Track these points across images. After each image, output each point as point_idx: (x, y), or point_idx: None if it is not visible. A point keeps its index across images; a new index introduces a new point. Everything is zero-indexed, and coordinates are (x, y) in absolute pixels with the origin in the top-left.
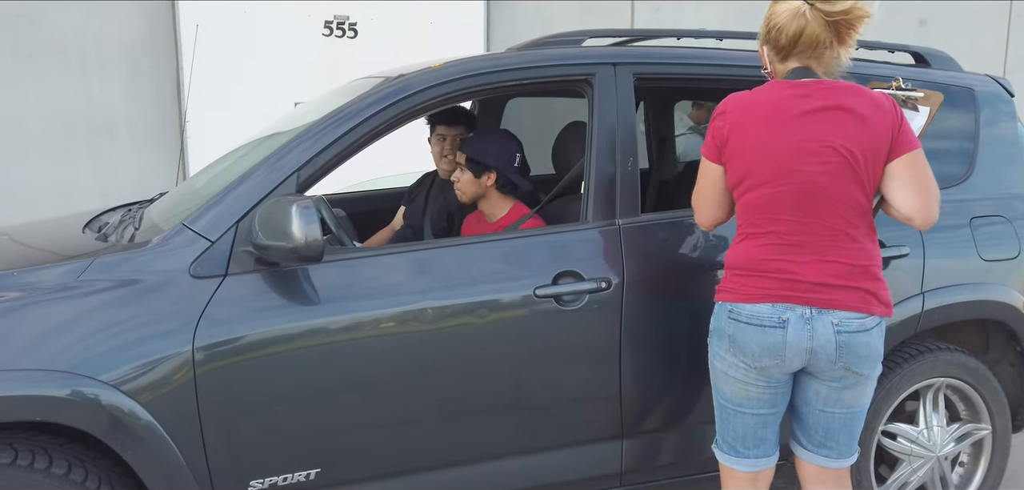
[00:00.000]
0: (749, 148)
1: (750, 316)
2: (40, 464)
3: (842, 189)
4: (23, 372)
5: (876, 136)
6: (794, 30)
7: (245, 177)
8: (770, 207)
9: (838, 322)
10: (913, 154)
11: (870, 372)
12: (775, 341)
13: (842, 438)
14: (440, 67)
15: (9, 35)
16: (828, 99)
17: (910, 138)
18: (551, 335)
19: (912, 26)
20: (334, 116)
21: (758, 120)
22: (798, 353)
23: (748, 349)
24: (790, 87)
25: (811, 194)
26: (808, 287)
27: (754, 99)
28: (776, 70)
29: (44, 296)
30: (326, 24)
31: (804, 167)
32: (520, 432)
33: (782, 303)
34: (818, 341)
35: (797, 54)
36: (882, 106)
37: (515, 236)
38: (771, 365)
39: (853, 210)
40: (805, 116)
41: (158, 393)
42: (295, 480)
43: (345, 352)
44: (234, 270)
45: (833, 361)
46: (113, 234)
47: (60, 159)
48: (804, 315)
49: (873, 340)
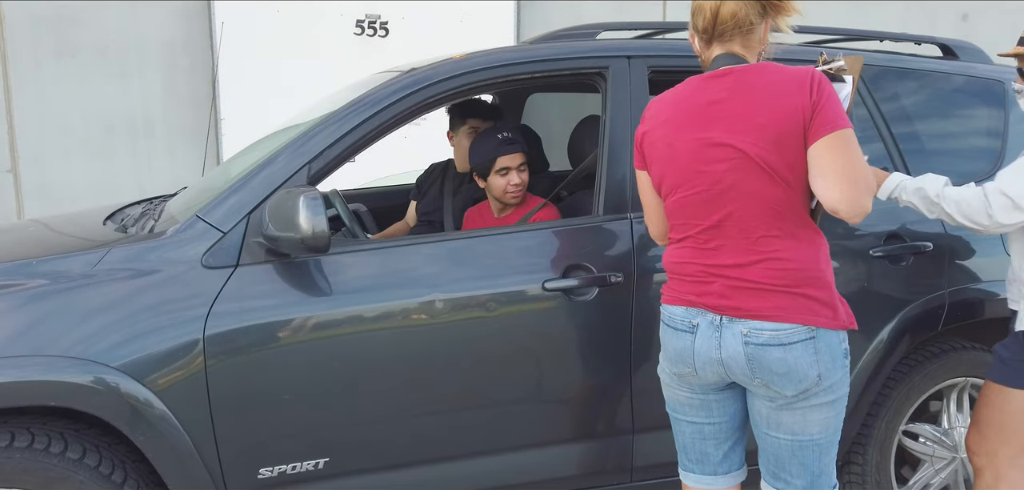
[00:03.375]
0: (659, 152)
1: (669, 318)
2: (56, 448)
3: (753, 186)
4: (43, 358)
5: (785, 119)
6: (710, 10)
7: (257, 169)
8: (684, 211)
9: (747, 332)
10: (833, 136)
11: (798, 393)
12: (685, 347)
13: (793, 470)
14: (458, 60)
15: (53, 36)
16: (735, 85)
17: (830, 118)
18: (560, 329)
19: (955, 21)
20: (347, 109)
21: (664, 122)
22: (709, 362)
23: (668, 352)
24: (701, 81)
25: (721, 195)
26: (720, 292)
27: (665, 99)
28: (704, 59)
29: (61, 285)
30: (358, 23)
31: (708, 167)
32: (529, 425)
33: (694, 307)
34: (726, 351)
35: (718, 37)
36: (794, 83)
37: (526, 229)
38: (686, 372)
39: (771, 207)
40: (708, 112)
41: (170, 381)
42: (304, 469)
43: (353, 343)
44: (246, 261)
45: (749, 376)
46: (133, 226)
47: (100, 157)
48: (713, 322)
49: (792, 356)
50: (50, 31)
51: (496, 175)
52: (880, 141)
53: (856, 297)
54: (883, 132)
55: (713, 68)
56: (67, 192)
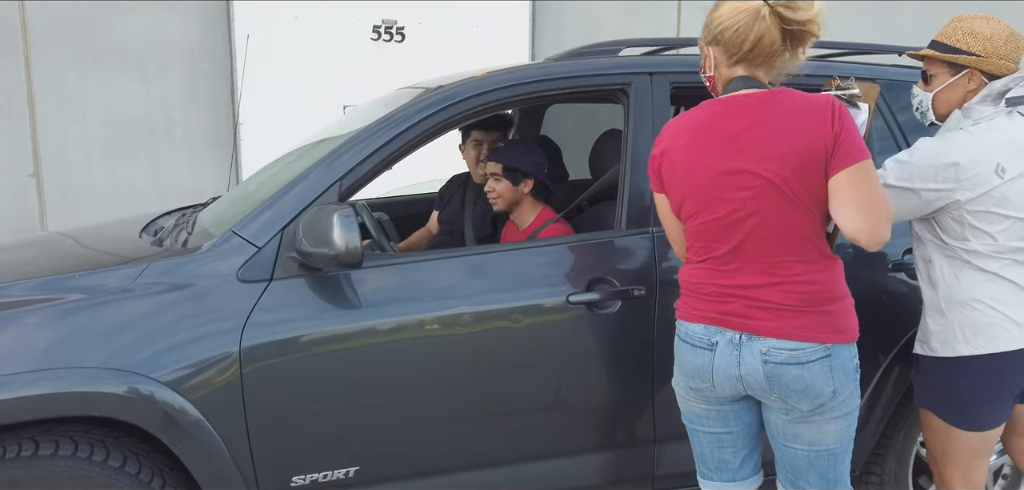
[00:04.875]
0: (678, 177)
1: (687, 335)
2: (98, 456)
3: (776, 214)
4: (86, 370)
5: (807, 148)
6: (755, 35)
7: (290, 186)
8: (705, 235)
9: (767, 350)
10: (856, 167)
11: (814, 407)
12: (704, 363)
13: (812, 480)
14: (482, 77)
15: (75, 41)
16: (756, 114)
17: (853, 148)
18: (584, 340)
19: None
20: (376, 126)
21: (683, 146)
22: (727, 379)
23: (684, 367)
24: (721, 104)
25: (742, 221)
26: (740, 311)
27: (682, 123)
28: (721, 75)
29: (103, 298)
30: (374, 28)
31: (730, 194)
32: (554, 434)
33: (714, 325)
34: (746, 368)
35: (749, 61)
36: (816, 112)
37: (549, 243)
38: (704, 387)
39: (791, 233)
40: (730, 137)
41: (207, 391)
42: (335, 477)
43: (384, 354)
44: (279, 275)
45: (767, 392)
46: (168, 238)
47: (121, 160)
48: (733, 340)
49: (809, 373)
50: (72, 36)
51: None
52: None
53: (874, 309)
54: (900, 142)
55: (732, 90)
56: (89, 196)
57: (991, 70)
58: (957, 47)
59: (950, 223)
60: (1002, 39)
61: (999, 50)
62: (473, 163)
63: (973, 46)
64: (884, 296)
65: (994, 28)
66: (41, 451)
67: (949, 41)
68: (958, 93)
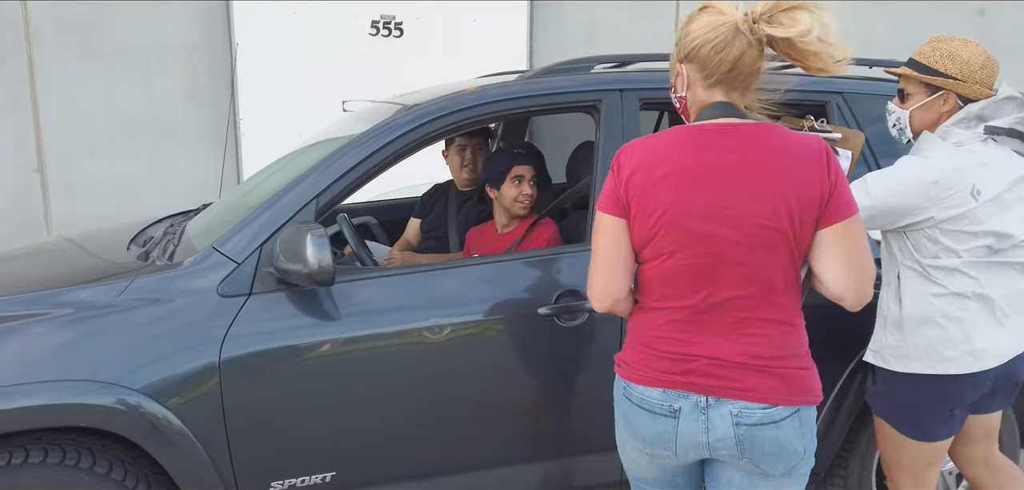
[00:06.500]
0: (654, 210)
1: (641, 399)
2: (85, 463)
3: (761, 260)
4: (74, 383)
5: (807, 193)
6: (736, 53)
7: (268, 203)
8: (675, 281)
9: (738, 413)
10: (848, 223)
11: (783, 471)
12: (665, 431)
13: None
14: (457, 95)
15: (77, 39)
16: (744, 148)
17: (848, 200)
18: (552, 350)
19: (972, 17)
20: (352, 144)
21: (664, 176)
22: (693, 446)
23: (641, 435)
24: (703, 133)
25: (724, 267)
26: (704, 371)
27: (659, 148)
28: (695, 97)
29: (89, 313)
30: (373, 24)
31: (717, 235)
32: (524, 441)
33: (674, 389)
34: (715, 434)
35: (728, 83)
36: (812, 156)
37: (519, 257)
38: (664, 455)
39: (774, 286)
40: (718, 172)
41: (189, 401)
42: (312, 482)
43: (358, 365)
44: (258, 289)
45: (736, 457)
46: (155, 249)
47: (123, 156)
48: (699, 404)
49: (784, 434)
50: (75, 34)
51: (510, 184)
52: (866, 166)
53: (841, 317)
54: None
55: (709, 117)
56: (92, 191)
57: (966, 94)
58: (935, 69)
59: (924, 241)
60: (978, 64)
61: (975, 74)
62: (457, 169)
63: (950, 68)
64: None
65: (972, 52)
66: (31, 459)
67: (927, 61)
68: (932, 114)
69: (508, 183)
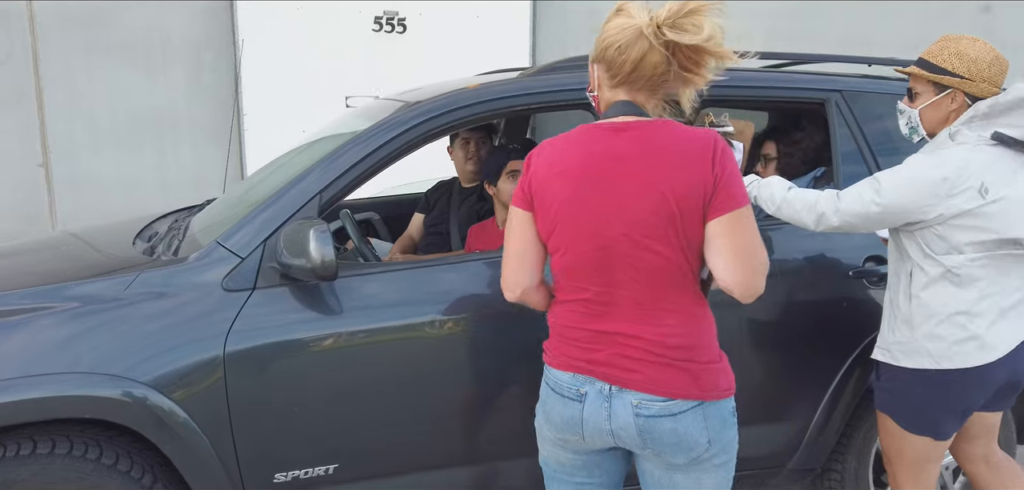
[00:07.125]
0: (551, 205)
1: (555, 383)
2: (92, 454)
3: (650, 255)
4: (81, 375)
5: (690, 186)
6: (636, 55)
7: (272, 199)
8: (574, 273)
9: (638, 404)
10: (736, 214)
11: (690, 460)
12: (573, 415)
13: None
14: (458, 92)
15: (82, 34)
16: (635, 145)
17: (732, 194)
18: None
19: (976, 14)
20: (355, 141)
21: (561, 173)
22: (598, 432)
23: (552, 418)
24: (601, 131)
25: (615, 260)
26: (607, 361)
27: (560, 148)
28: (603, 96)
29: (96, 306)
30: (376, 20)
31: (607, 229)
32: (526, 435)
33: (582, 375)
34: (617, 422)
35: (631, 83)
36: (697, 150)
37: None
38: (573, 439)
39: (663, 277)
40: (608, 169)
41: (194, 394)
42: (315, 474)
43: (360, 359)
44: (262, 284)
45: (640, 446)
46: (160, 244)
47: (127, 151)
48: (602, 391)
49: (683, 427)
50: (80, 29)
51: (507, 179)
52: (864, 165)
53: (836, 314)
54: (863, 151)
55: (611, 116)
56: (96, 185)
57: (974, 93)
58: (943, 67)
59: (933, 238)
60: (986, 62)
61: (983, 73)
62: (461, 164)
63: (958, 67)
64: (845, 302)
65: (980, 51)
66: (38, 450)
67: (936, 60)
68: (941, 112)
69: (505, 179)
